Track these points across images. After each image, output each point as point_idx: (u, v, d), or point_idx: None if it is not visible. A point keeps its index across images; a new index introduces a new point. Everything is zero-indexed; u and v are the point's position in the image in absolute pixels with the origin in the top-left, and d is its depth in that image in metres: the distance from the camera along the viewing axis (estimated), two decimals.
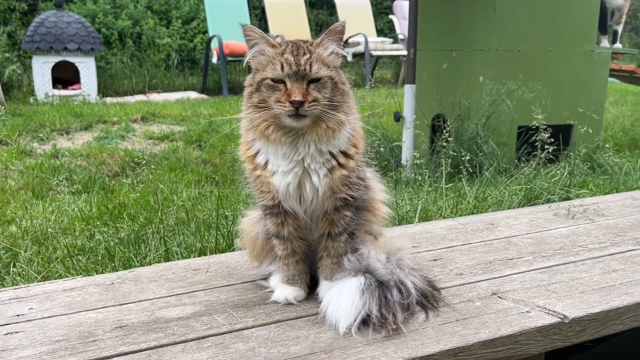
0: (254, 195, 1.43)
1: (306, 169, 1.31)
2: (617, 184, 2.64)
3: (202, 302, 1.45)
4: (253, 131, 1.32)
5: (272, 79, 1.26)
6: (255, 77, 1.30)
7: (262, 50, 1.29)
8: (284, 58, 1.26)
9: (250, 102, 1.31)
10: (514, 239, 1.89)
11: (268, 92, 1.27)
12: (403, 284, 1.36)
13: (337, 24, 1.30)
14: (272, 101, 1.26)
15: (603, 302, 1.41)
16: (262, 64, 1.29)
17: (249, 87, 1.31)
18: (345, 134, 1.32)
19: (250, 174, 1.39)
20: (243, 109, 1.36)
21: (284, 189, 1.32)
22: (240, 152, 1.41)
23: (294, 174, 1.31)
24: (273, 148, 1.31)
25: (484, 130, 3.70)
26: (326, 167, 1.31)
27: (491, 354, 1.26)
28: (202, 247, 2.01)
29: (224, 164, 4.54)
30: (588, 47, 4.08)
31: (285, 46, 1.29)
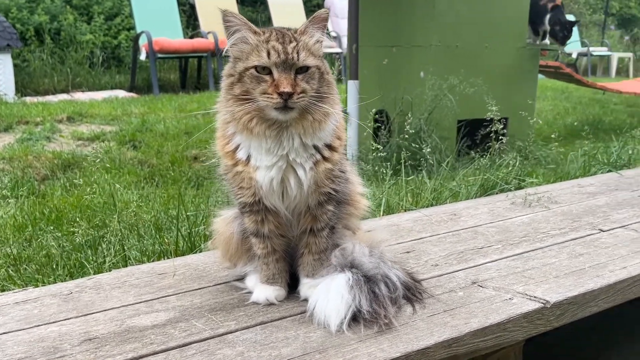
0: (231, 192, 1.35)
1: (290, 163, 1.25)
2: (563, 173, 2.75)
3: (176, 308, 1.35)
4: (234, 124, 1.24)
5: (258, 67, 1.19)
6: (236, 67, 1.22)
7: (244, 38, 1.21)
8: (270, 45, 1.19)
9: (231, 94, 1.22)
10: (479, 228, 1.92)
11: (252, 83, 1.19)
12: (389, 278, 1.33)
13: (321, 11, 1.25)
14: (258, 93, 1.19)
15: (578, 286, 1.45)
16: (245, 52, 1.21)
17: (228, 78, 1.23)
18: (331, 126, 1.27)
19: (228, 170, 1.30)
20: (221, 101, 1.27)
21: (268, 185, 1.25)
22: (218, 147, 1.31)
23: (277, 168, 1.24)
24: (256, 142, 1.23)
25: (427, 125, 3.77)
26: (311, 160, 1.26)
27: (482, 342, 1.26)
28: (162, 250, 1.89)
29: (161, 163, 4.35)
30: (520, 44, 4.25)
31: (269, 33, 1.21)
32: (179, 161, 4.34)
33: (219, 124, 1.30)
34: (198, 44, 7.57)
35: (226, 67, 1.25)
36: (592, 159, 2.95)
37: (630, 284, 1.52)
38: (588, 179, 2.61)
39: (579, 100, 7.65)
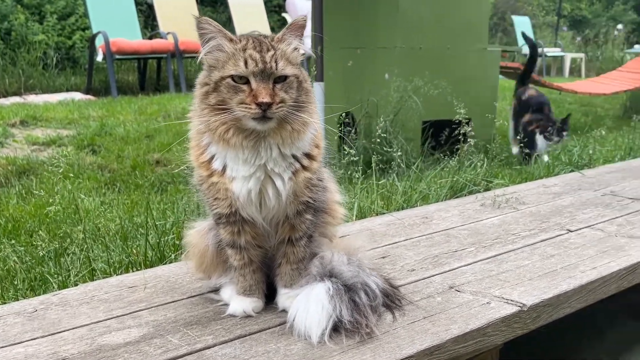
0: (206, 203, 1.30)
1: (268, 173, 1.21)
2: (528, 174, 2.80)
3: (149, 323, 1.30)
4: (209, 135, 1.19)
5: (235, 77, 1.15)
6: (212, 76, 1.17)
7: (220, 46, 1.17)
8: (247, 54, 1.15)
9: (206, 103, 1.17)
10: (452, 231, 1.93)
11: (229, 92, 1.15)
12: (368, 286, 1.32)
13: (299, 19, 1.22)
14: (235, 103, 1.15)
15: (552, 287, 1.47)
16: (221, 60, 1.17)
17: (203, 87, 1.18)
18: (310, 135, 1.24)
19: (203, 181, 1.26)
20: (195, 110, 1.22)
21: (245, 196, 1.21)
22: (192, 158, 1.27)
23: (255, 179, 1.21)
24: (233, 152, 1.19)
25: (393, 127, 3.78)
26: (290, 170, 1.23)
27: (462, 348, 1.26)
28: (130, 262, 1.82)
29: (123, 168, 4.23)
30: (480, 46, 4.32)
31: (245, 41, 1.18)
32: (140, 166, 4.22)
33: (193, 134, 1.26)
34: (157, 45, 7.41)
35: (200, 76, 1.21)
36: (555, 159, 3.01)
37: (601, 284, 1.55)
38: (552, 179, 2.66)
39: None
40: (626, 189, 2.46)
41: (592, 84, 6.70)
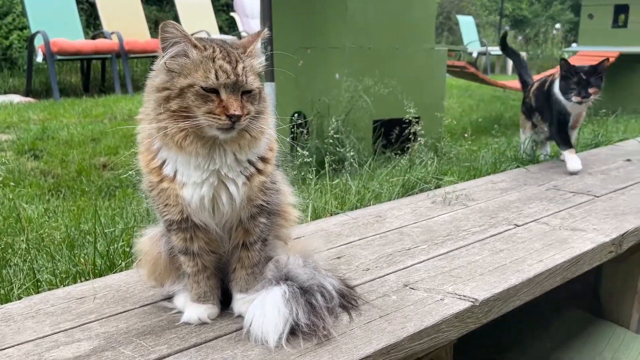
0: (156, 209, 1.27)
1: (222, 179, 1.19)
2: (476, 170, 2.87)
3: (100, 335, 1.25)
4: (162, 139, 1.16)
5: (205, 88, 1.11)
6: (175, 82, 1.12)
7: (185, 52, 1.12)
8: (217, 65, 1.12)
9: (165, 108, 1.13)
10: (405, 229, 1.95)
11: (197, 101, 1.11)
12: (324, 288, 1.32)
13: (265, 31, 1.22)
14: (202, 112, 1.12)
15: (502, 282, 1.51)
16: (187, 67, 1.12)
17: (162, 91, 1.13)
18: (266, 140, 1.23)
19: (153, 187, 1.22)
20: (147, 113, 1.17)
21: (197, 202, 1.19)
22: (141, 163, 1.23)
23: (208, 185, 1.18)
24: (185, 158, 1.16)
25: (344, 126, 3.81)
26: (245, 174, 1.21)
27: (418, 346, 1.28)
28: (78, 272, 1.76)
29: (67, 173, 4.08)
30: (428, 45, 4.41)
31: (212, 49, 1.14)
32: (86, 170, 4.09)
33: (143, 138, 1.22)
34: (101, 45, 7.19)
35: (156, 79, 1.15)
36: (502, 156, 3.11)
37: (547, 276, 1.61)
38: (499, 175, 2.75)
39: (482, 97, 8.09)
40: (567, 183, 2.56)
41: None
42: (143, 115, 1.19)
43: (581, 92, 2.67)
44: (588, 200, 2.27)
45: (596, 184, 2.53)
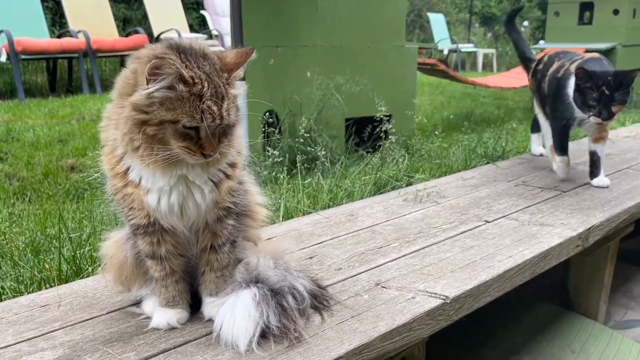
0: (121, 213, 1.24)
1: (189, 185, 1.17)
2: (447, 167, 2.90)
3: (65, 344, 1.22)
4: (129, 153, 1.12)
5: (188, 127, 1.07)
6: (157, 112, 1.06)
7: (173, 86, 1.06)
8: (205, 105, 1.06)
9: (139, 130, 1.08)
10: (377, 227, 1.95)
11: (175, 135, 1.07)
12: (296, 289, 1.31)
13: (249, 51, 1.17)
14: (177, 145, 1.08)
15: (473, 278, 1.52)
16: (173, 102, 1.06)
17: (140, 113, 1.07)
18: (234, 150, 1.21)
19: (117, 190, 1.19)
20: (115, 119, 1.13)
21: (165, 208, 1.16)
22: (105, 166, 1.19)
23: (177, 192, 1.16)
24: (151, 170, 1.14)
25: (317, 124, 3.80)
26: (213, 180, 1.19)
27: (390, 345, 1.28)
28: (43, 278, 1.71)
29: (33, 176, 3.98)
30: (398, 43, 4.43)
31: (200, 85, 1.07)
32: (53, 172, 3.99)
33: (105, 140, 1.18)
34: (67, 44, 7.02)
35: (136, 97, 1.07)
36: (472, 153, 3.14)
37: (517, 271, 1.63)
38: (470, 171, 2.77)
39: (452, 94, 8.18)
40: (536, 178, 2.60)
41: (503, 78, 7.05)
42: (108, 117, 1.16)
43: (602, 112, 2.17)
44: (556, 196, 2.31)
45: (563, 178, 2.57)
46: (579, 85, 2.20)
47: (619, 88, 2.14)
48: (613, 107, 2.16)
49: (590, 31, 6.95)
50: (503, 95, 8.04)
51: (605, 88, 2.13)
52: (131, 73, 1.11)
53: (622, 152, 3.16)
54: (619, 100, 2.15)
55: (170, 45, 1.12)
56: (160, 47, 1.12)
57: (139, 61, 1.11)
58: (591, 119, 2.22)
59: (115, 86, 1.15)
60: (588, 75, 2.17)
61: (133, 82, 1.10)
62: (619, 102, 2.16)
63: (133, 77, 1.10)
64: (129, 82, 1.11)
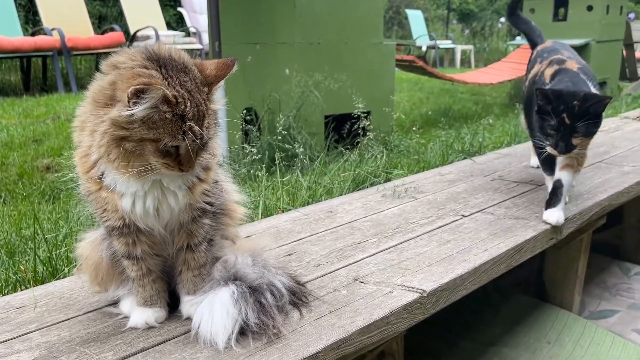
0: (96, 214, 1.23)
1: (163, 189, 1.16)
2: (425, 163, 2.92)
3: (41, 345, 1.21)
4: (105, 161, 1.11)
5: (169, 146, 1.07)
6: (137, 131, 1.04)
7: (157, 107, 1.04)
8: (187, 126, 1.06)
9: (119, 144, 1.06)
10: (355, 223, 1.97)
11: (154, 152, 1.06)
12: (274, 286, 1.31)
13: (231, 61, 1.18)
14: (156, 160, 1.08)
15: (449, 272, 1.54)
16: (155, 122, 1.04)
17: (119, 129, 1.05)
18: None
19: (91, 192, 1.18)
20: (88, 123, 1.10)
21: (140, 212, 1.16)
22: (79, 168, 1.17)
23: (151, 197, 1.15)
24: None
25: (296, 122, 3.81)
26: (186, 185, 1.19)
27: (368, 339, 1.29)
28: (18, 280, 1.69)
29: (8, 177, 3.91)
30: (376, 40, 4.45)
31: (183, 104, 1.06)
32: (28, 173, 3.94)
33: (82, 145, 1.15)
34: (41, 42, 6.92)
35: (115, 112, 1.04)
36: (449, 148, 3.17)
37: (492, 265, 1.66)
38: (447, 167, 2.80)
39: (431, 90, 8.24)
40: (512, 173, 2.64)
41: (480, 74, 7.14)
42: (83, 120, 1.13)
43: (559, 144, 1.77)
44: (531, 190, 2.34)
45: (539, 173, 2.61)
46: (539, 107, 1.80)
47: (584, 117, 1.72)
48: (574, 139, 1.75)
49: (565, 27, 7.06)
50: (481, 91, 8.13)
51: (566, 116, 1.72)
52: (108, 85, 1.07)
53: (594, 146, 3.22)
54: (583, 132, 1.74)
55: (150, 56, 1.09)
56: (140, 58, 1.09)
57: (117, 73, 1.07)
58: (547, 148, 1.83)
59: (90, 91, 1.12)
60: (547, 98, 1.75)
61: (110, 93, 1.07)
62: (583, 134, 1.75)
63: (110, 88, 1.07)
64: (105, 92, 1.08)
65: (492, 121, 3.66)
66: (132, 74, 1.05)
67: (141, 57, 1.10)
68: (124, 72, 1.06)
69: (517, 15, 2.55)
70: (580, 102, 1.71)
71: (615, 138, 3.37)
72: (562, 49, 2.19)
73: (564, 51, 2.15)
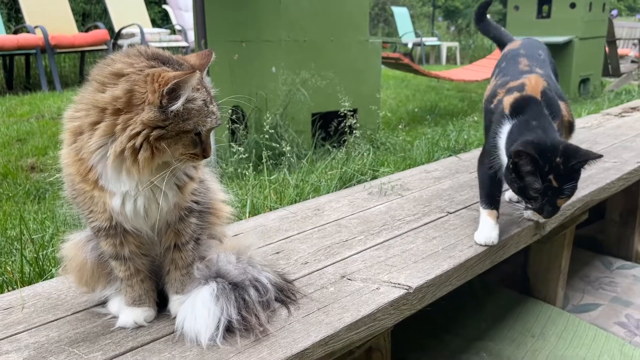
0: (82, 216, 1.23)
1: (153, 190, 1.16)
2: (411, 160, 2.95)
3: (30, 346, 1.21)
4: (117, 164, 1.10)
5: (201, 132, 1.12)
6: (172, 124, 1.07)
7: (193, 97, 1.10)
8: (210, 110, 1.12)
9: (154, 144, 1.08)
10: (342, 221, 1.98)
11: (186, 143, 1.11)
12: (258, 281, 1.32)
13: (209, 52, 1.21)
14: (183, 152, 1.11)
15: (435, 268, 1.57)
16: (189, 112, 1.09)
17: (154, 130, 1.06)
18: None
19: (78, 194, 1.18)
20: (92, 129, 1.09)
21: (130, 212, 1.16)
22: (68, 165, 1.17)
23: (143, 197, 1.15)
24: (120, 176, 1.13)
25: (283, 120, 3.81)
26: (177, 184, 1.20)
27: (355, 335, 1.31)
28: (5, 281, 1.68)
29: None
30: (362, 37, 4.47)
31: (204, 91, 1.12)
32: (12, 173, 3.90)
33: (79, 150, 1.12)
34: (24, 40, 6.84)
35: (148, 115, 1.05)
36: (435, 145, 3.20)
37: (477, 260, 1.69)
38: (433, 164, 2.83)
39: (417, 87, 8.28)
40: None
41: (466, 71, 7.19)
42: (76, 126, 1.12)
43: (544, 208, 1.56)
44: None
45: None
46: (515, 165, 1.54)
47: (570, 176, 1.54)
48: (560, 200, 1.56)
49: (549, 25, 7.14)
50: (466, 88, 8.19)
51: (554, 178, 1.52)
52: (124, 93, 1.06)
53: (577, 142, 3.27)
54: (567, 192, 1.55)
55: (149, 56, 1.11)
56: (142, 60, 1.10)
57: (128, 80, 1.07)
58: (528, 213, 1.65)
59: (91, 100, 1.09)
60: (529, 158, 1.50)
61: (126, 100, 1.06)
62: (567, 194, 1.55)
63: (127, 96, 1.06)
64: (120, 100, 1.06)
65: (478, 118, 3.69)
66: (152, 75, 1.06)
67: (142, 58, 1.11)
68: (137, 78, 1.07)
69: (487, 22, 2.32)
70: (563, 160, 1.51)
71: (598, 134, 3.42)
72: (526, 54, 1.93)
73: (524, 60, 1.88)
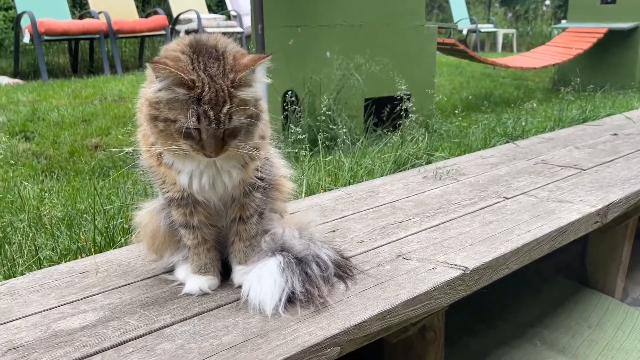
0: (156, 186, 1.31)
1: (218, 169, 1.23)
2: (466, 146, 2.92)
3: (105, 307, 1.30)
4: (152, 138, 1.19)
5: (187, 128, 1.11)
6: (162, 110, 1.11)
7: (173, 90, 1.10)
8: (201, 110, 1.09)
9: (153, 124, 1.14)
10: (397, 203, 2.00)
11: (177, 132, 1.12)
12: (320, 258, 1.37)
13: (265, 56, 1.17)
14: (182, 142, 1.13)
15: (492, 251, 1.57)
16: (173, 103, 1.11)
17: (152, 109, 1.12)
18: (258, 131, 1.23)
19: (151, 166, 1.26)
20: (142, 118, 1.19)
21: (197, 187, 1.23)
22: (142, 146, 1.26)
23: (207, 175, 1.22)
24: None
25: (336, 104, 3.84)
26: (240, 163, 1.25)
27: (412, 312, 1.34)
28: (79, 248, 1.79)
29: (60, 154, 4.08)
30: (418, 22, 4.42)
31: (201, 88, 1.09)
32: (79, 151, 4.10)
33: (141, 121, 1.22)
34: (89, 25, 7.12)
35: (147, 93, 1.14)
36: (492, 132, 3.15)
37: (535, 245, 1.67)
38: (489, 150, 2.79)
39: (472, 74, 8.12)
40: (555, 157, 2.61)
41: (523, 58, 6.99)
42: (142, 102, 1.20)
43: None
44: (575, 174, 2.33)
45: (583, 157, 2.58)
46: None
47: None
48: None
49: (613, 10, 6.82)
50: (523, 76, 7.96)
51: None
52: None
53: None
54: None
55: (192, 43, 1.16)
56: (183, 43, 1.16)
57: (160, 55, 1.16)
58: None
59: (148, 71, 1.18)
60: None
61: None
62: None
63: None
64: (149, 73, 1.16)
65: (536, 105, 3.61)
66: (162, 56, 1.13)
67: (185, 42, 1.17)
68: (162, 54, 1.15)
69: None
70: None
71: None
72: None
73: None
